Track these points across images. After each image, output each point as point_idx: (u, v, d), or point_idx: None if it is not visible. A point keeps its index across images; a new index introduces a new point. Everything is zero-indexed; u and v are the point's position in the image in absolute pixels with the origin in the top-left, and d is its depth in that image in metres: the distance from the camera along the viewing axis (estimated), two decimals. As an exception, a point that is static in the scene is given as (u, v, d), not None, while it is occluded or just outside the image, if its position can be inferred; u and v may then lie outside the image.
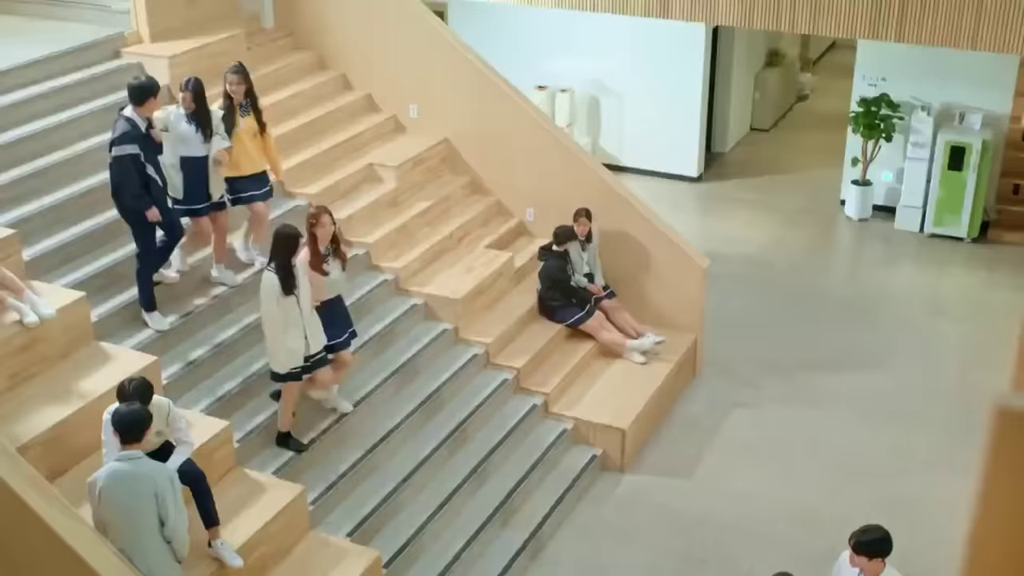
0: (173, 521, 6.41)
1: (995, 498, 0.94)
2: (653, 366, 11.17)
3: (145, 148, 8.59)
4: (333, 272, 8.66)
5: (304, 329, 8.29)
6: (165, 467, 6.54)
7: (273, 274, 8.08)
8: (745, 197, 16.43)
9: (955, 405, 11.18)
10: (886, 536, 6.49)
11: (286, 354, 8.26)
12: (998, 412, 0.88)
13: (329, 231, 8.58)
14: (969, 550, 0.98)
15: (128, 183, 8.58)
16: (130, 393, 6.80)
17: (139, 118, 8.60)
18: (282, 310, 8.13)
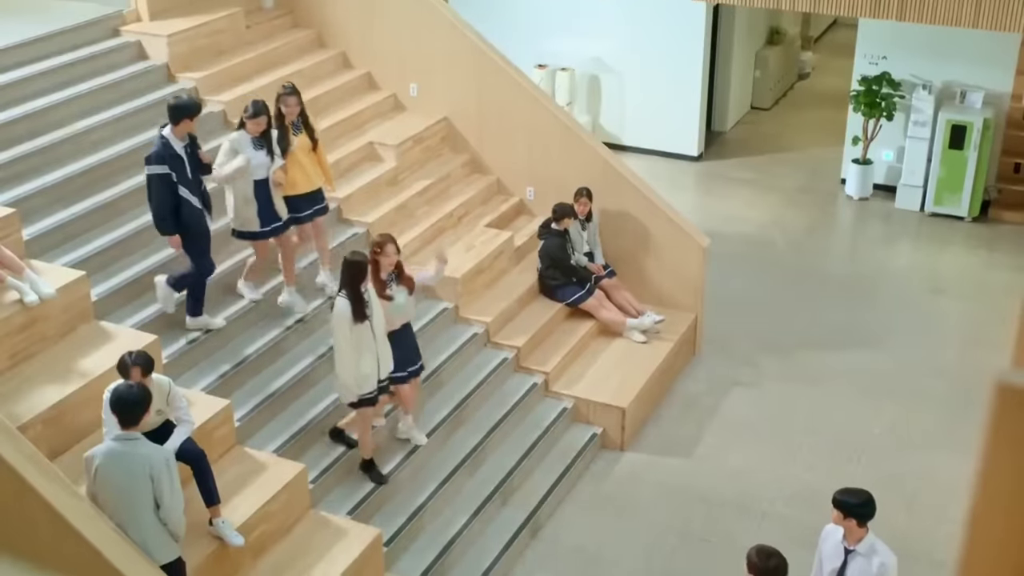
0: (168, 503, 6.41)
1: (995, 475, 0.94)
2: (653, 345, 11.18)
3: (178, 169, 8.50)
4: (398, 297, 8.60)
5: (377, 354, 8.28)
6: (162, 449, 6.52)
7: (346, 301, 8.06)
8: (745, 176, 16.40)
9: (955, 383, 11.20)
10: (868, 500, 6.50)
11: (359, 379, 8.23)
12: (998, 388, 0.88)
13: (393, 260, 8.52)
14: (969, 527, 0.98)
15: (156, 203, 8.53)
16: (131, 366, 6.82)
17: (175, 138, 8.52)
18: (354, 336, 8.10)
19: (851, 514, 6.48)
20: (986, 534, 0.98)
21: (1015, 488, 0.93)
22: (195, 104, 8.74)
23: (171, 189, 8.48)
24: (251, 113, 9.16)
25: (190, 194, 8.57)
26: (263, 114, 9.19)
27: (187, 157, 8.60)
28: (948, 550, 8.82)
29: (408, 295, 8.73)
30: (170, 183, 8.47)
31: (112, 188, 9.78)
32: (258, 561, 7.57)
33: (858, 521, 6.49)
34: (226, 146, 9.16)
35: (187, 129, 8.59)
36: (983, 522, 0.98)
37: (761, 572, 6.07)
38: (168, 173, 8.45)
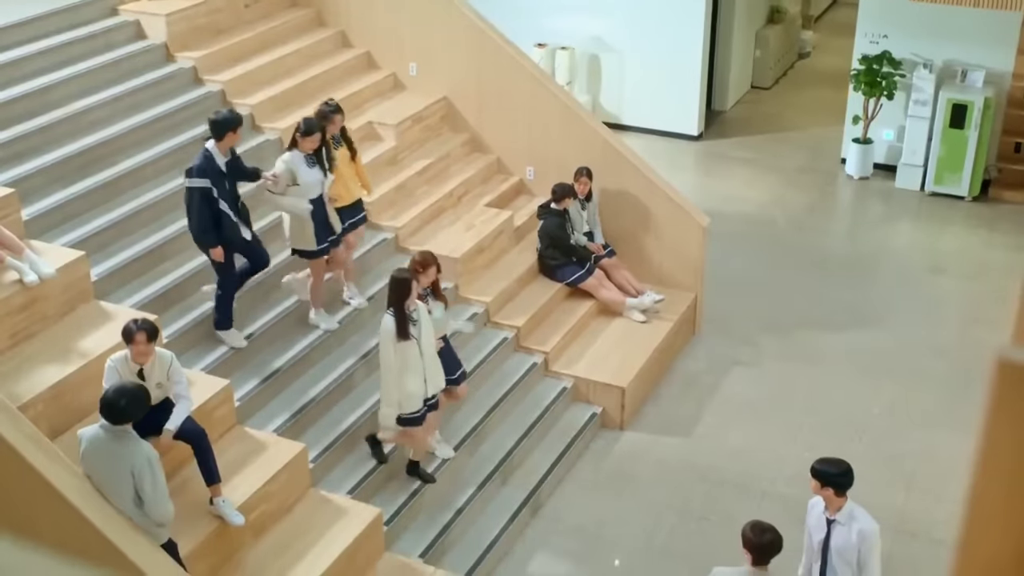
0: (150, 498, 6.35)
1: (995, 453, 0.93)
2: (653, 324, 11.18)
3: (219, 183, 8.44)
4: (435, 312, 8.57)
5: (424, 372, 8.23)
6: (144, 447, 6.42)
7: (392, 317, 8.03)
8: (745, 155, 16.38)
9: (955, 363, 11.20)
10: (846, 470, 6.52)
11: (405, 398, 8.18)
12: (998, 365, 0.87)
13: (431, 279, 8.51)
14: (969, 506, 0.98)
15: (195, 216, 8.48)
16: (136, 331, 6.84)
17: (218, 152, 8.46)
18: (399, 354, 8.05)
19: (828, 483, 6.51)
20: (986, 512, 0.98)
21: (1015, 465, 0.93)
22: (237, 117, 8.64)
23: (211, 203, 8.41)
24: (304, 131, 9.07)
25: (228, 208, 8.51)
26: (316, 132, 9.11)
27: (228, 172, 8.52)
28: (948, 529, 8.85)
29: (444, 309, 8.71)
30: (210, 197, 8.40)
31: (111, 168, 9.77)
32: (259, 540, 7.59)
33: (836, 490, 6.52)
34: (281, 167, 9.05)
35: (231, 143, 8.52)
36: (983, 500, 0.97)
37: (756, 547, 6.09)
38: (209, 188, 8.38)
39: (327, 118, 9.50)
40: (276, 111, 11.34)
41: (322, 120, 9.44)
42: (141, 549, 6.21)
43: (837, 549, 6.56)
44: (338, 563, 7.50)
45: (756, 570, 6.13)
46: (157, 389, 7.01)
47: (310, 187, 9.11)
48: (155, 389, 6.96)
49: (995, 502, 0.96)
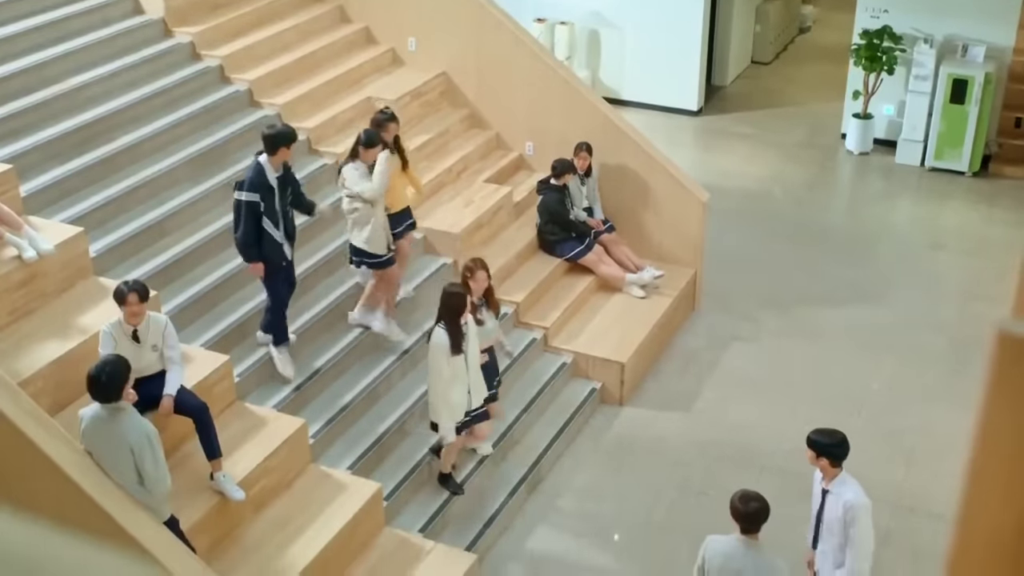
0: (151, 475, 6.39)
1: (994, 426, 0.93)
2: (652, 300, 11.18)
3: (267, 199, 8.30)
4: (488, 322, 8.57)
5: (468, 384, 8.24)
6: (143, 424, 6.46)
7: (443, 332, 8.00)
8: (745, 131, 16.34)
9: (954, 338, 11.21)
10: (840, 441, 6.60)
11: (448, 409, 8.19)
12: (999, 337, 0.87)
13: (483, 285, 8.48)
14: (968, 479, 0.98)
15: (240, 229, 8.37)
16: (128, 292, 6.87)
17: (270, 167, 8.32)
18: (450, 367, 8.06)
19: (823, 453, 6.61)
20: (985, 486, 0.97)
21: (1015, 439, 0.93)
22: (291, 133, 8.49)
23: (257, 219, 8.30)
24: (365, 142, 9.03)
25: (272, 226, 8.37)
26: (377, 143, 9.08)
27: (279, 187, 8.39)
28: (947, 503, 8.87)
29: (495, 319, 8.68)
30: (256, 212, 8.29)
31: (109, 144, 9.75)
32: (259, 515, 7.61)
33: (831, 461, 6.61)
34: (351, 171, 9.00)
35: (284, 158, 8.37)
36: (982, 474, 0.97)
37: (743, 516, 6.18)
38: (257, 202, 8.27)
39: (382, 126, 9.51)
40: (275, 86, 11.30)
41: (377, 128, 9.44)
42: (142, 524, 6.23)
43: (827, 519, 6.65)
44: (338, 538, 7.53)
45: (746, 538, 6.21)
46: (152, 352, 7.03)
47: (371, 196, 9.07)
48: (151, 352, 6.98)
49: (994, 476, 0.96)
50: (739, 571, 6.23)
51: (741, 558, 6.20)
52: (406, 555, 7.86)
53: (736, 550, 6.22)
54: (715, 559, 6.27)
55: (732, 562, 6.22)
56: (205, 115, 10.58)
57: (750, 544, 6.21)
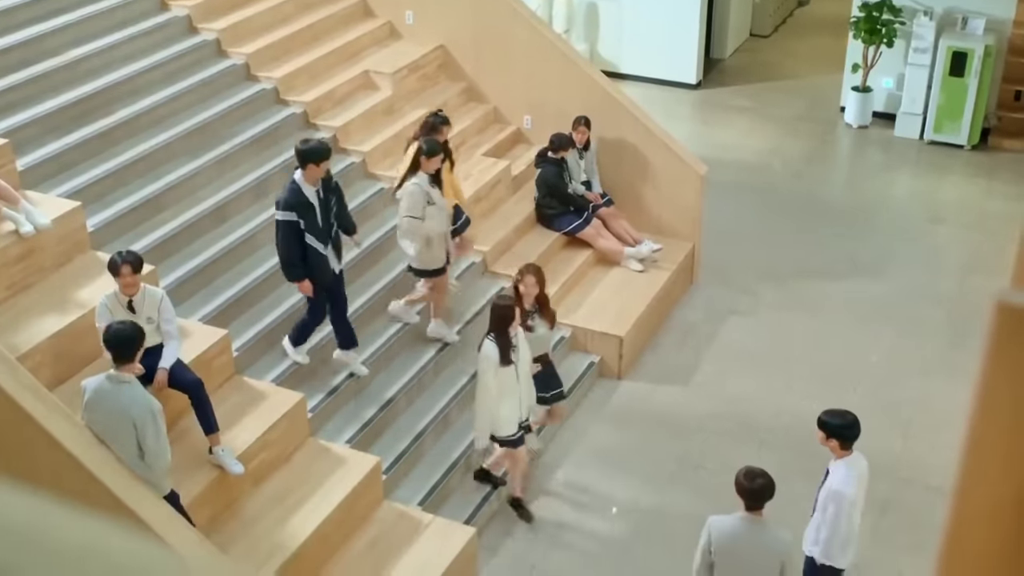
0: (152, 451, 6.41)
1: (993, 397, 0.93)
2: (651, 274, 11.17)
3: (306, 216, 8.13)
4: (539, 329, 8.48)
5: (520, 397, 8.16)
6: (148, 398, 6.48)
7: (493, 344, 7.94)
8: (744, 104, 16.30)
9: (953, 311, 11.22)
10: (850, 423, 6.60)
11: (501, 422, 8.11)
12: (998, 308, 0.86)
13: (533, 291, 8.39)
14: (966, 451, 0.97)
15: (282, 247, 8.26)
16: (121, 263, 6.88)
17: (305, 183, 8.14)
18: (498, 380, 7.98)
19: (833, 435, 6.61)
20: (983, 457, 0.97)
21: (1013, 410, 0.93)
22: (322, 149, 8.22)
23: (299, 237, 8.16)
24: (427, 152, 8.97)
25: (316, 241, 8.23)
26: (439, 151, 9.02)
27: (319, 203, 8.24)
28: (944, 476, 8.89)
29: (549, 328, 8.59)
30: (297, 230, 8.15)
31: (107, 118, 9.71)
32: (258, 489, 7.63)
33: (840, 443, 6.60)
34: (416, 193, 8.91)
35: (317, 174, 8.17)
36: (980, 445, 0.97)
37: (748, 493, 6.18)
38: (296, 221, 8.12)
39: (436, 129, 9.50)
40: (272, 60, 11.26)
41: (431, 132, 9.41)
42: (141, 498, 6.24)
43: (820, 496, 6.68)
44: (337, 511, 7.55)
45: (750, 515, 6.21)
46: (148, 324, 7.05)
47: (442, 205, 9.04)
48: (146, 324, 7.00)
49: (992, 447, 0.96)
50: (746, 549, 6.23)
51: (747, 535, 6.21)
52: (405, 528, 7.88)
53: (741, 528, 6.23)
54: (721, 539, 6.26)
55: (738, 540, 6.23)
56: (203, 89, 10.54)
57: (755, 521, 6.21)
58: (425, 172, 9.00)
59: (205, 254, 9.16)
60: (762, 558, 6.26)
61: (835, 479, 6.59)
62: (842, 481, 6.57)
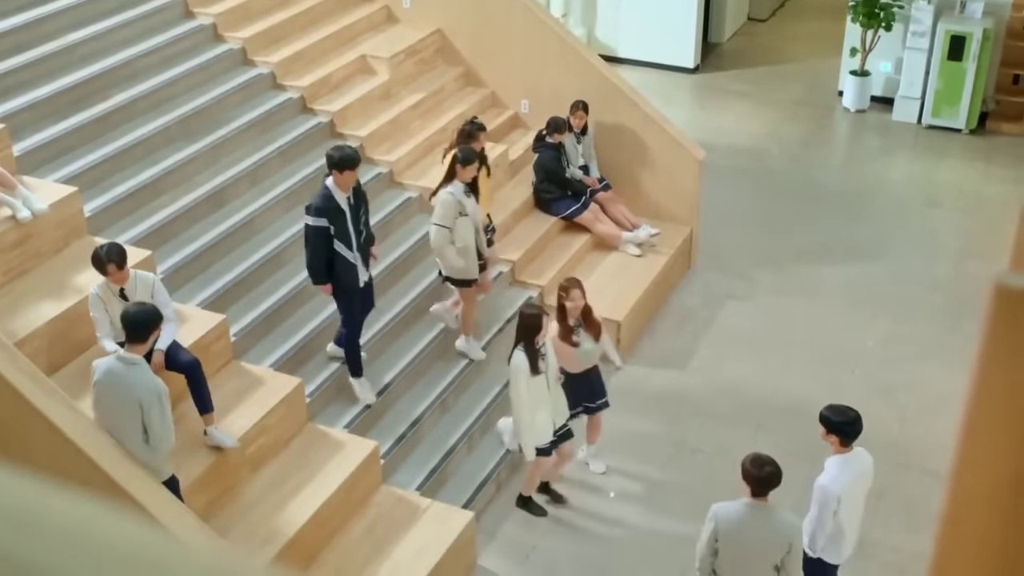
0: (157, 433, 6.43)
1: (990, 379, 0.93)
2: (648, 258, 11.17)
3: (337, 222, 8.05)
4: (584, 344, 8.39)
5: (552, 404, 8.11)
6: (155, 380, 6.50)
7: (522, 354, 7.89)
8: (742, 88, 16.27)
9: (950, 296, 11.23)
10: (852, 420, 6.57)
11: (536, 433, 8.07)
12: (996, 290, 0.86)
13: (579, 304, 8.28)
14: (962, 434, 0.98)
15: (310, 252, 8.19)
16: (107, 262, 6.87)
17: (337, 190, 8.05)
18: (530, 390, 7.94)
19: (833, 430, 6.57)
20: (980, 440, 0.97)
21: (1010, 392, 0.93)
22: (355, 156, 8.16)
23: (327, 243, 8.10)
24: (463, 160, 8.89)
25: (345, 248, 8.17)
26: (474, 160, 8.96)
27: (350, 210, 8.16)
28: (941, 459, 8.91)
29: (594, 342, 8.48)
30: (327, 236, 8.09)
31: (104, 102, 9.69)
32: (256, 474, 7.64)
33: (841, 439, 6.56)
34: (448, 202, 8.86)
35: (349, 181, 8.08)
36: (977, 428, 0.97)
37: (756, 480, 6.15)
38: (326, 227, 8.07)
39: (472, 136, 9.49)
40: (268, 45, 11.23)
41: (467, 139, 9.39)
42: (140, 483, 6.25)
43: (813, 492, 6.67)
44: (335, 496, 7.56)
45: (755, 501, 6.20)
46: None
47: (475, 215, 9.01)
48: None
49: (989, 429, 0.96)
50: (753, 535, 6.23)
51: (753, 521, 6.21)
52: (403, 513, 7.90)
53: (747, 514, 6.21)
54: (727, 526, 6.25)
55: (745, 527, 6.22)
56: (200, 73, 10.52)
57: (761, 507, 6.21)
58: (461, 181, 8.94)
59: (203, 239, 9.15)
60: (769, 543, 6.26)
61: (825, 475, 6.58)
62: (831, 478, 6.56)
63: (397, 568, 7.45)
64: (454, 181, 8.92)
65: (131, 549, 0.72)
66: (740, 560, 6.33)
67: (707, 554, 6.39)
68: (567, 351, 8.29)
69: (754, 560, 6.31)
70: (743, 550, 6.29)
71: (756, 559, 6.31)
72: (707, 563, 6.46)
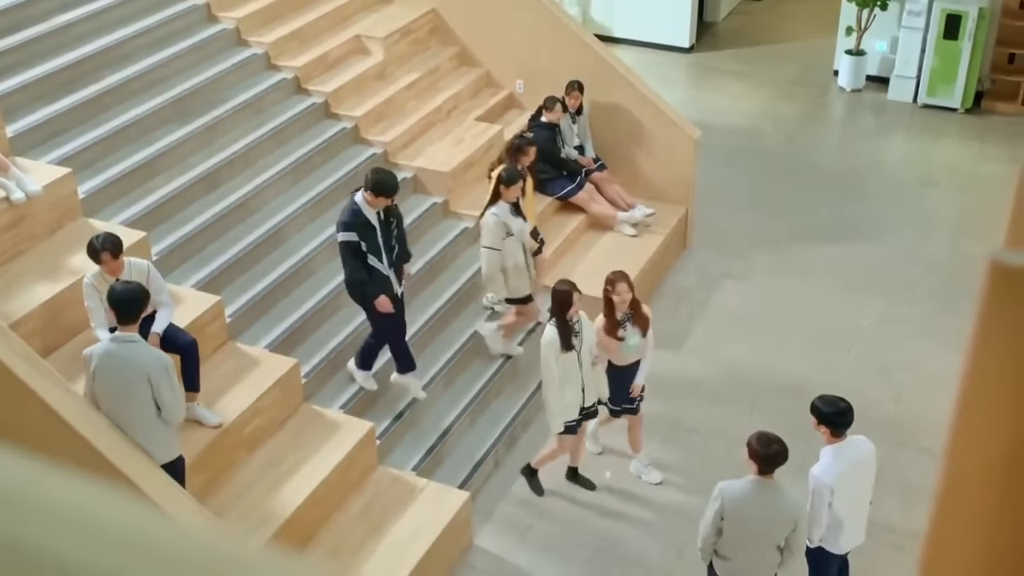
0: (169, 405, 6.46)
1: (985, 357, 0.93)
2: (644, 238, 11.17)
3: (367, 236, 8.05)
4: (631, 339, 8.30)
5: (582, 382, 8.06)
6: (161, 355, 6.54)
7: (553, 329, 7.86)
8: (737, 68, 16.24)
9: (945, 275, 11.23)
10: (841, 410, 6.53)
11: (561, 408, 8.04)
12: (991, 267, 0.86)
13: (626, 298, 8.18)
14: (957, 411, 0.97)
15: (347, 269, 8.17)
16: (101, 251, 6.85)
17: (366, 205, 8.02)
18: (560, 366, 7.90)
19: (823, 421, 6.56)
20: (975, 418, 0.97)
21: (1005, 370, 0.93)
22: (393, 184, 8.11)
23: (361, 258, 8.09)
24: (507, 180, 8.86)
25: (378, 261, 8.14)
26: (519, 180, 8.92)
27: (380, 224, 8.11)
28: (936, 438, 8.93)
29: (641, 336, 8.37)
30: (359, 251, 8.06)
31: (96, 83, 9.65)
32: (252, 455, 7.65)
33: (831, 430, 6.55)
34: (495, 225, 8.82)
35: (381, 204, 8.04)
36: (972, 406, 0.97)
37: (763, 458, 6.17)
38: (356, 241, 8.04)
39: (521, 150, 9.49)
40: (262, 24, 11.19)
41: (516, 153, 9.39)
42: (133, 461, 6.26)
43: None
44: (332, 476, 7.57)
45: (762, 479, 6.22)
46: None
47: (522, 235, 8.99)
48: None
49: (984, 408, 0.96)
50: (759, 512, 6.25)
51: (760, 499, 6.23)
52: (400, 493, 7.91)
53: (754, 492, 6.24)
54: (733, 504, 6.26)
55: (752, 504, 6.25)
56: (193, 54, 10.48)
57: (767, 484, 6.24)
58: (506, 202, 8.93)
59: (197, 220, 9.13)
60: (775, 520, 6.28)
61: (818, 464, 6.57)
62: (823, 468, 6.55)
63: (393, 548, 7.47)
64: (499, 202, 8.92)
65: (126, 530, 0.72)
66: (744, 538, 6.36)
67: (711, 533, 6.41)
68: (612, 344, 8.25)
69: (758, 538, 6.34)
70: (749, 528, 6.31)
71: (760, 537, 6.33)
72: (710, 542, 6.48)
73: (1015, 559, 0.98)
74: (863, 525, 6.90)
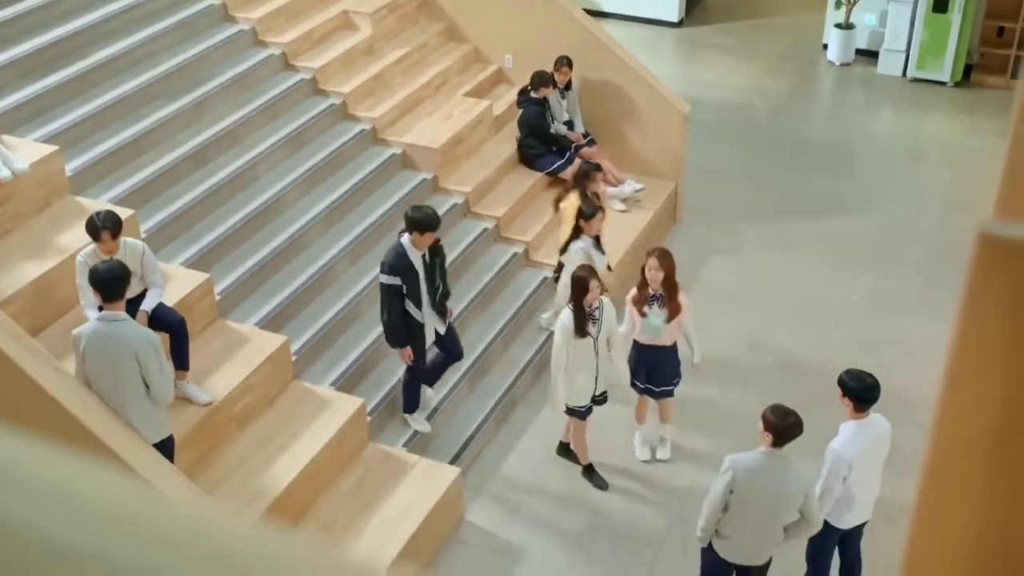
0: (158, 383, 6.46)
1: (973, 329, 0.93)
2: (633, 213, 11.16)
3: (410, 280, 7.94)
4: (652, 318, 8.23)
5: (596, 370, 8.02)
6: (148, 333, 6.54)
7: (571, 313, 7.81)
8: (726, 42, 16.20)
9: (934, 249, 11.25)
10: (868, 386, 6.59)
11: (570, 391, 8.01)
12: (980, 238, 0.86)
13: (656, 276, 8.08)
14: (945, 384, 0.98)
15: (386, 313, 8.06)
16: (101, 228, 6.82)
17: (412, 248, 7.92)
18: (573, 350, 7.85)
19: (848, 395, 6.60)
20: (962, 390, 0.97)
21: (993, 342, 0.92)
22: (434, 219, 7.98)
23: (400, 301, 8.00)
24: (587, 215, 8.87)
25: (416, 308, 8.06)
26: (597, 213, 8.91)
27: (424, 268, 8.03)
28: (925, 413, 8.96)
29: (666, 321, 8.28)
30: (400, 294, 7.97)
31: (83, 60, 9.60)
32: (243, 432, 7.66)
33: (856, 404, 6.58)
34: (580, 259, 8.72)
35: (426, 243, 7.94)
36: (959, 378, 0.97)
37: (779, 431, 6.20)
38: (400, 286, 7.99)
39: (588, 176, 9.51)
40: (249, 0, 11.12)
41: (584, 180, 9.42)
42: (121, 439, 6.25)
43: None
44: (323, 453, 7.58)
45: (773, 451, 6.25)
46: (132, 276, 7.02)
47: (599, 267, 8.87)
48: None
49: (971, 380, 0.96)
50: (770, 484, 6.27)
51: (771, 471, 6.26)
52: (391, 469, 7.93)
53: (766, 463, 6.27)
54: (745, 475, 6.27)
55: (762, 476, 6.28)
56: (180, 30, 10.43)
57: (779, 456, 6.27)
58: (588, 235, 8.95)
59: (186, 197, 9.10)
60: (784, 494, 6.31)
61: (839, 439, 6.59)
62: (844, 442, 6.57)
63: (384, 524, 7.49)
64: (582, 236, 8.94)
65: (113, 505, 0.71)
66: (750, 514, 6.36)
67: (718, 508, 6.41)
68: (636, 318, 8.28)
69: (764, 513, 6.35)
70: (757, 501, 6.32)
71: (767, 512, 6.34)
72: (714, 521, 6.48)
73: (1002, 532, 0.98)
74: (871, 502, 6.94)
